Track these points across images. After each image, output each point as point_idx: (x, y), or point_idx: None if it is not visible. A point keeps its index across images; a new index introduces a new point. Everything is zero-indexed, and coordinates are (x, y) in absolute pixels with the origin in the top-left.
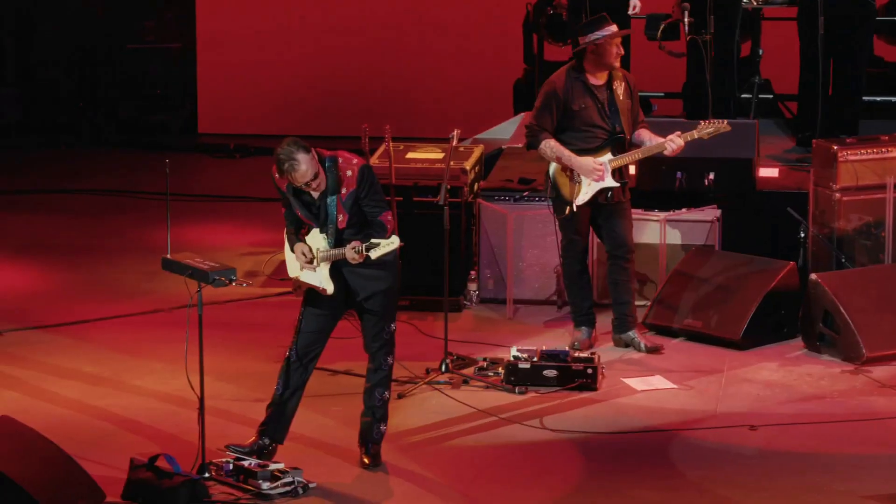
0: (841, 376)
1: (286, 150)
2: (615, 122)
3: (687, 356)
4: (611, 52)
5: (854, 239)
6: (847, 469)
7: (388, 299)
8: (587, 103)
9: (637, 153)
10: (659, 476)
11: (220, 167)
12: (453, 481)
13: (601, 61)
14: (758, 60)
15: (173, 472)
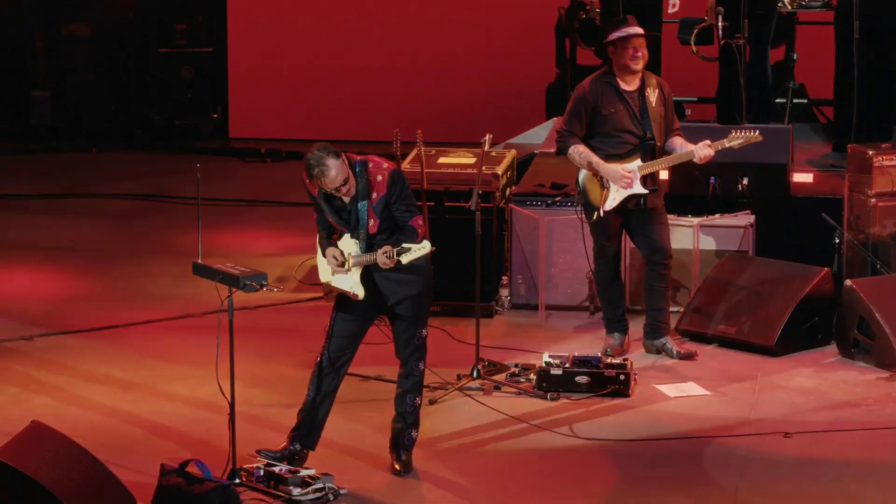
0: (876, 383)
1: (316, 156)
2: (646, 128)
3: (720, 363)
4: (626, 53)
5: (889, 245)
6: (884, 477)
7: (420, 304)
8: (618, 108)
9: (666, 160)
10: (693, 484)
11: (250, 171)
12: (485, 488)
13: (619, 62)
14: (792, 65)
15: (204, 477)
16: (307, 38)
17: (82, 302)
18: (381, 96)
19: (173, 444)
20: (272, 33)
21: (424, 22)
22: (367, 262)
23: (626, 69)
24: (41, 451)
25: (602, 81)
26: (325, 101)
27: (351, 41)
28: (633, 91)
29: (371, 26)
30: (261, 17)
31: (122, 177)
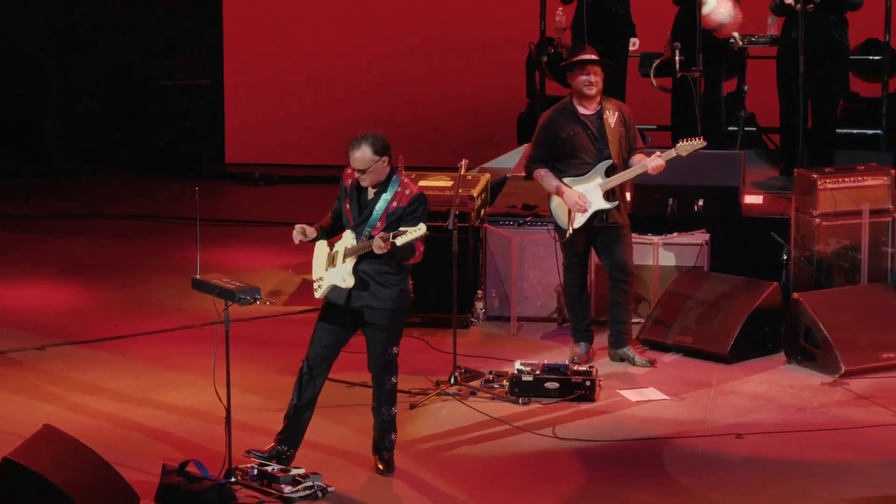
0: (821, 388)
1: (363, 137)
2: (604, 147)
3: (678, 370)
4: (580, 79)
5: (832, 261)
6: (828, 475)
7: (394, 319)
8: (576, 130)
9: (624, 174)
10: (655, 482)
11: (245, 194)
12: (462, 487)
13: (574, 87)
14: (743, 96)
15: (202, 476)
16: (296, 72)
17: (90, 314)
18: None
19: (174, 446)
20: (264, 67)
21: (407, 57)
22: (362, 250)
23: (580, 94)
24: (53, 453)
25: (562, 108)
26: (314, 129)
27: (338, 75)
28: (591, 115)
29: (357, 61)
30: (253, 54)
31: (126, 198)
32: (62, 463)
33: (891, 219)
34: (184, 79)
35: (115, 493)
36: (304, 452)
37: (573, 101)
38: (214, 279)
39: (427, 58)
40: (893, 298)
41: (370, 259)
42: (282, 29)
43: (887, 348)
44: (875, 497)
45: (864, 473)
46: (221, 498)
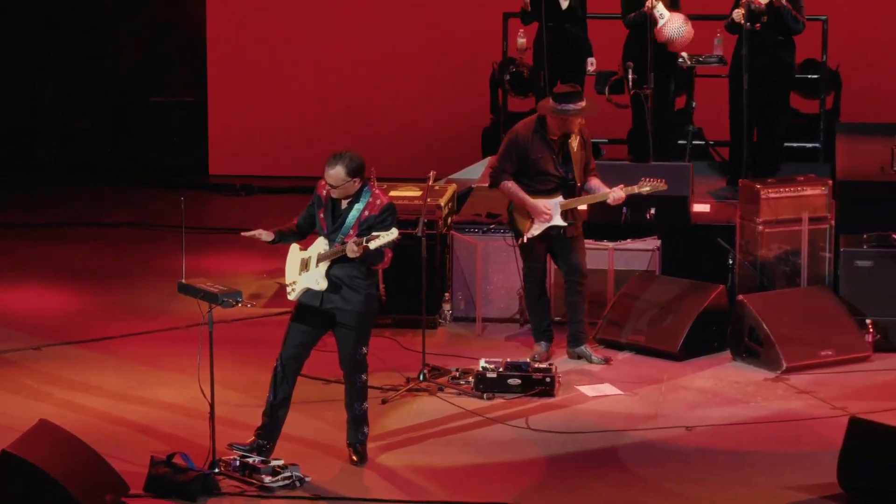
0: (764, 383)
1: (341, 157)
2: (568, 170)
3: (632, 367)
4: (575, 123)
5: (775, 265)
6: (770, 464)
7: (363, 321)
8: (544, 154)
9: (585, 199)
10: (610, 471)
11: (227, 204)
12: (431, 477)
13: (565, 127)
14: (692, 111)
15: (188, 467)
16: (275, 91)
17: (82, 316)
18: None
19: (161, 440)
20: (245, 86)
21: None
22: (336, 254)
23: (567, 131)
24: (49, 446)
25: (532, 129)
26: (291, 143)
27: (314, 93)
28: (557, 139)
29: (331, 79)
30: (235, 73)
31: (116, 208)
32: (57, 455)
33: (828, 226)
34: (170, 96)
35: (106, 483)
36: (282, 445)
37: (544, 124)
38: (199, 283)
39: (398, 77)
40: (831, 300)
41: (342, 264)
42: (262, 50)
43: (825, 346)
44: (813, 484)
45: (803, 462)
46: (206, 487)
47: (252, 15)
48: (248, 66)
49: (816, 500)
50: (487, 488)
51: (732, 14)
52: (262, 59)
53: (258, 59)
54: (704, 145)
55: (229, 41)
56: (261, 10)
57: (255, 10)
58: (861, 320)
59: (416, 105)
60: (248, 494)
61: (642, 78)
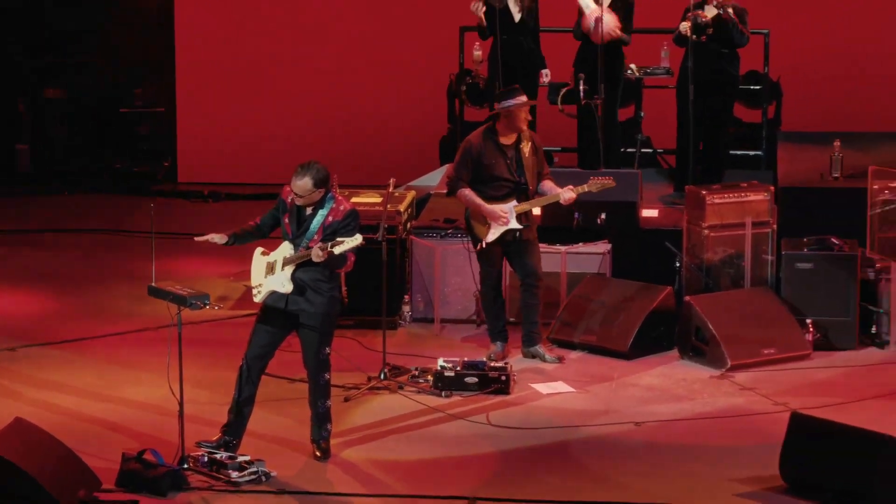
0: (709, 381)
1: (308, 167)
2: (520, 175)
3: (583, 365)
4: (519, 118)
5: (719, 268)
6: (715, 457)
7: (325, 323)
8: (497, 160)
9: (538, 202)
10: (562, 464)
11: (195, 210)
12: (391, 470)
13: (512, 124)
14: (640, 121)
15: (158, 463)
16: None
17: (56, 318)
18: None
19: (132, 437)
20: (213, 96)
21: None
22: (301, 258)
23: (516, 130)
24: (23, 443)
25: (485, 137)
26: (257, 152)
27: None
28: (510, 145)
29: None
30: (202, 85)
31: (89, 215)
32: (32, 452)
33: (770, 230)
34: (140, 107)
35: (79, 479)
36: (249, 441)
37: (495, 131)
38: (168, 286)
39: (359, 88)
40: (773, 301)
41: (306, 267)
42: (228, 63)
43: (767, 345)
44: (756, 476)
45: (746, 455)
46: (175, 482)
47: (219, 29)
48: (214, 78)
49: (759, 492)
50: (446, 482)
51: (679, 27)
52: (228, 71)
53: (225, 71)
54: (652, 153)
55: (197, 54)
56: (227, 25)
57: (222, 25)
58: (802, 320)
59: (377, 115)
60: (216, 489)
61: (593, 89)
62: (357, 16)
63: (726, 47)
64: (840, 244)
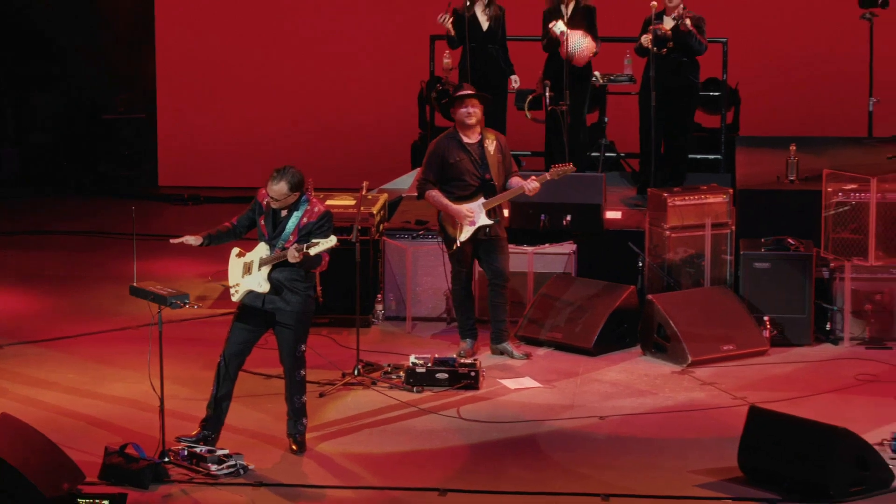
0: (671, 376)
1: (284, 172)
2: (485, 171)
3: (550, 361)
4: (459, 111)
5: (680, 267)
6: (677, 449)
7: (300, 321)
8: (461, 157)
9: (504, 195)
10: (529, 456)
11: (175, 212)
12: (364, 463)
13: (456, 119)
14: (604, 126)
15: (139, 457)
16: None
17: (41, 317)
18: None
19: (114, 432)
20: (192, 103)
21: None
22: (278, 259)
23: (462, 124)
24: (9, 437)
25: (449, 137)
26: (234, 156)
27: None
28: (473, 143)
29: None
30: (182, 92)
31: (72, 217)
32: (18, 446)
33: (729, 231)
34: (122, 113)
35: (63, 472)
36: (227, 435)
37: (457, 131)
38: (149, 286)
39: (333, 95)
40: (732, 299)
41: (282, 268)
42: (206, 71)
43: (727, 341)
44: (716, 468)
45: (706, 448)
46: (156, 475)
47: (197, 40)
48: (193, 86)
49: (719, 483)
50: (417, 474)
51: (641, 40)
52: (206, 79)
53: (203, 79)
54: (616, 157)
55: (176, 64)
56: (206, 36)
57: (201, 36)
58: (759, 317)
59: (351, 120)
60: (196, 482)
61: (559, 95)
62: (332, 26)
63: (686, 56)
64: (796, 244)
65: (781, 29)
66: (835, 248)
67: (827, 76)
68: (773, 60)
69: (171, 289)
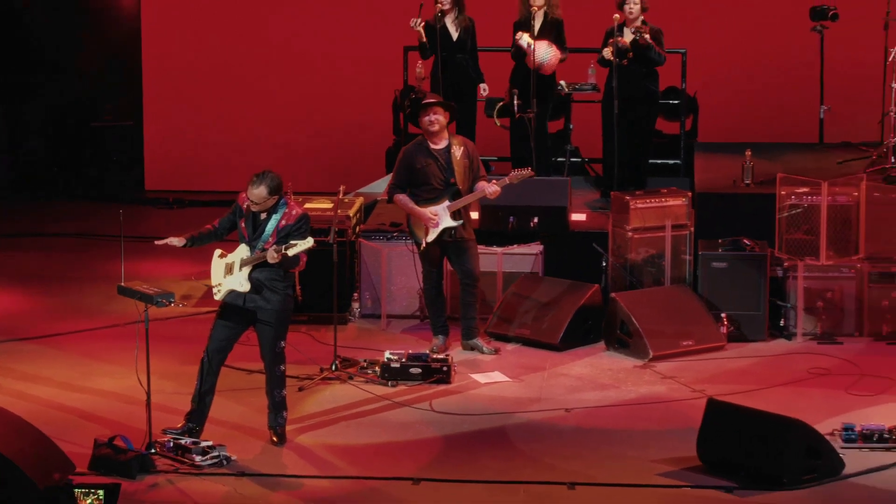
0: (633, 370)
1: (263, 176)
2: (450, 175)
3: (518, 357)
4: (423, 119)
5: (642, 267)
6: (639, 440)
7: (280, 319)
8: (428, 162)
9: (467, 198)
10: (499, 447)
11: (161, 215)
12: (341, 454)
13: (422, 126)
14: (569, 133)
15: (127, 448)
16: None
17: (32, 316)
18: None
19: (103, 424)
20: (176, 111)
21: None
22: (258, 260)
23: (427, 131)
24: (2, 429)
25: (417, 144)
26: (217, 161)
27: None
28: (440, 149)
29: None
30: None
31: (63, 220)
32: (11, 438)
33: (688, 232)
34: (110, 121)
35: (55, 463)
36: (211, 428)
37: (425, 138)
38: (136, 286)
39: (312, 103)
40: (691, 297)
41: (262, 268)
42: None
43: (686, 337)
44: (676, 457)
45: (667, 439)
46: (143, 466)
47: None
48: (178, 94)
49: (679, 472)
50: (392, 464)
51: (603, 52)
52: (191, 89)
53: (187, 89)
54: (581, 162)
55: (162, 74)
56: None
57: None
58: (717, 314)
59: (329, 127)
60: (181, 472)
61: (526, 103)
62: (311, 37)
63: (646, 67)
64: (751, 245)
65: (737, 41)
66: (788, 248)
67: (780, 85)
68: (730, 70)
69: (156, 288)
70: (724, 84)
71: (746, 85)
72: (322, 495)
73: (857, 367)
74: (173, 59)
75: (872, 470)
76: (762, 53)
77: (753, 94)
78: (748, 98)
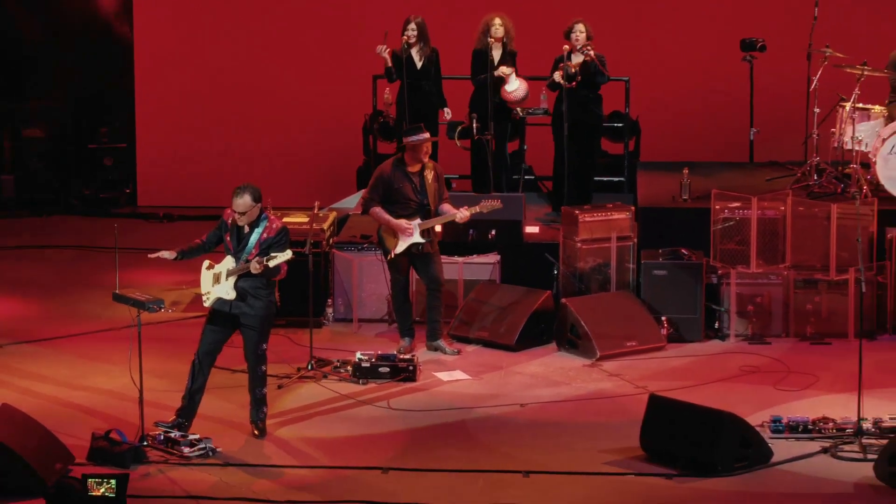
0: (582, 369)
1: (245, 187)
2: (423, 197)
3: (478, 357)
4: (421, 150)
5: (590, 275)
6: (588, 432)
7: (263, 323)
8: (404, 184)
9: (438, 220)
10: (460, 439)
11: (153, 229)
12: (317, 446)
13: (415, 156)
14: (523, 153)
15: (122, 441)
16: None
17: (36, 320)
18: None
19: (100, 419)
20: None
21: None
22: (242, 270)
23: (417, 161)
24: (9, 425)
25: (395, 165)
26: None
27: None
28: (415, 172)
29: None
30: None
31: (63, 233)
32: (17, 432)
33: (632, 243)
34: (106, 143)
35: (57, 455)
36: (198, 422)
37: (403, 161)
38: (130, 293)
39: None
40: (634, 302)
41: (246, 277)
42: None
43: (630, 338)
44: (621, 448)
45: (613, 430)
46: (136, 457)
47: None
48: (168, 119)
49: (623, 461)
50: (363, 455)
51: (553, 76)
52: (180, 114)
53: (177, 114)
54: (534, 179)
55: (154, 100)
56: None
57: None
58: (658, 317)
59: (304, 148)
60: (171, 462)
61: (484, 125)
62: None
63: (592, 91)
64: (689, 254)
65: (676, 69)
66: (722, 257)
67: (715, 110)
68: (669, 96)
69: (148, 295)
70: (664, 108)
71: (684, 109)
72: (300, 483)
73: (785, 364)
74: (165, 90)
75: (797, 458)
76: (698, 81)
77: (690, 117)
78: (686, 121)
